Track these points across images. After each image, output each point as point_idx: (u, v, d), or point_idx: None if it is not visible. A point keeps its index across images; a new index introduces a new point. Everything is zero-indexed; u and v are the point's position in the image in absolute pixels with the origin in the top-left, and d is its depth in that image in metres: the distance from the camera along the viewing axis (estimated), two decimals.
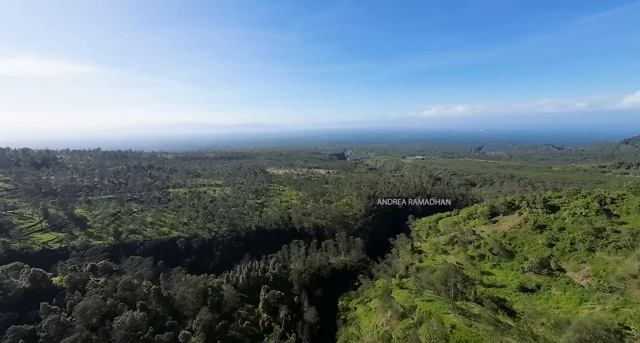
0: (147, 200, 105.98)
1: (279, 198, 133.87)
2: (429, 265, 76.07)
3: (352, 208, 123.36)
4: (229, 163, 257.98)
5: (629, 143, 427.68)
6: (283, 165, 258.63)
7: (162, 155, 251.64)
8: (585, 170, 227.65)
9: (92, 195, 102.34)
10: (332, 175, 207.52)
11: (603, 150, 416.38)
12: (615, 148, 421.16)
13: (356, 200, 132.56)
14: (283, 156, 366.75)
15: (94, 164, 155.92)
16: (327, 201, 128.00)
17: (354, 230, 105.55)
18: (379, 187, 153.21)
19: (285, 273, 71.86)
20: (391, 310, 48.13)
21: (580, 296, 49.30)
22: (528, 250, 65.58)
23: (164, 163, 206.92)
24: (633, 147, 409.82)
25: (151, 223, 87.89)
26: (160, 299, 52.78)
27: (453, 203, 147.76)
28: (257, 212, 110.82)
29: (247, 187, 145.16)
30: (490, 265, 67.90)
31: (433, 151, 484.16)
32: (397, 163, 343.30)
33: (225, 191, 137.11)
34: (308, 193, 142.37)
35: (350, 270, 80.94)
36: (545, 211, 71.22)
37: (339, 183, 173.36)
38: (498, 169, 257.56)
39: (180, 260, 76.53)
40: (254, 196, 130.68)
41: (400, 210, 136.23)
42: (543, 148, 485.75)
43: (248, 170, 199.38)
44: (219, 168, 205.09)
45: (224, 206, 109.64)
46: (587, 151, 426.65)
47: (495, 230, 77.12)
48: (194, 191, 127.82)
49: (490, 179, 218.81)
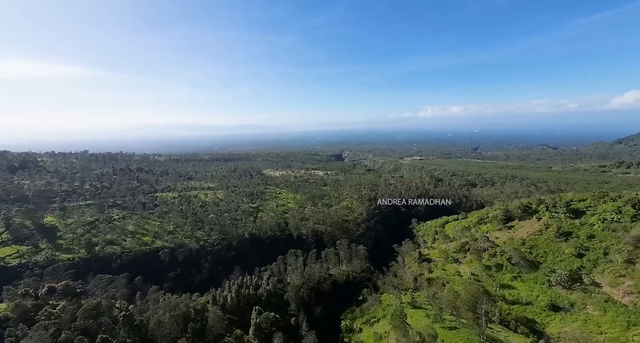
0: (130, 206, 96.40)
1: (275, 201, 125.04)
2: (439, 276, 68.18)
3: (353, 211, 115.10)
4: (224, 164, 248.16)
5: (622, 143, 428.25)
6: (280, 167, 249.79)
7: (154, 157, 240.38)
8: (586, 170, 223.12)
9: (69, 201, 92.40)
10: (330, 177, 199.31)
11: (597, 150, 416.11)
12: (609, 147, 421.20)
13: (357, 203, 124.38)
14: (280, 157, 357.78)
15: (78, 167, 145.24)
16: (326, 205, 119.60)
17: (355, 236, 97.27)
18: (380, 189, 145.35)
19: (281, 288, 63.15)
20: (407, 340, 39.85)
21: (627, 318, 41.52)
22: (553, 260, 57.97)
23: (155, 165, 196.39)
24: (627, 146, 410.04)
25: (132, 232, 78.46)
26: (131, 328, 43.68)
27: (456, 205, 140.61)
28: (252, 218, 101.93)
29: (242, 190, 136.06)
30: (510, 276, 60.10)
31: (430, 151, 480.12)
32: (396, 164, 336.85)
33: (218, 194, 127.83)
34: (306, 196, 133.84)
35: (353, 282, 72.50)
36: (568, 216, 63.89)
37: (338, 185, 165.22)
38: (497, 169, 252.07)
39: (163, 274, 67.33)
40: (248, 200, 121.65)
41: (402, 213, 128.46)
42: (538, 148, 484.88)
43: (243, 172, 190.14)
44: (213, 170, 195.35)
45: (216, 212, 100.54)
46: (582, 151, 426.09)
47: (512, 236, 69.56)
48: (184, 195, 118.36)
49: (491, 179, 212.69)
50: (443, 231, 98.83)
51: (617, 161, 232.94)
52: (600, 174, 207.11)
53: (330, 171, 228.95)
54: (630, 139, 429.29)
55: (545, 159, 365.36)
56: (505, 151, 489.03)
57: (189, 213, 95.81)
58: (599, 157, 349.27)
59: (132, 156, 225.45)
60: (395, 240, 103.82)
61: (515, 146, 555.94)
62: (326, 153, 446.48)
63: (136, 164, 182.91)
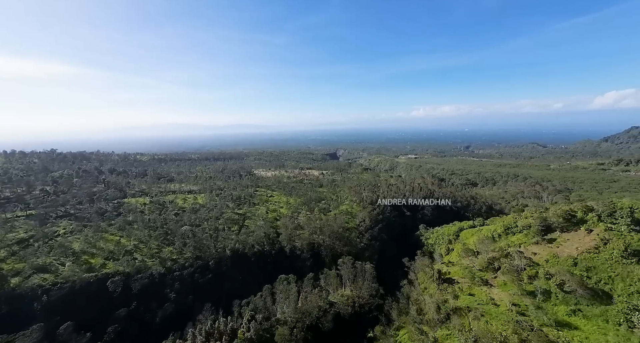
0: (86, 216, 77.13)
1: (265, 206, 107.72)
2: (469, 304, 53.01)
3: (354, 217, 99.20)
4: (213, 164, 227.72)
5: (609, 141, 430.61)
6: (273, 166, 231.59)
7: (135, 157, 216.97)
8: (585, 168, 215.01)
9: (4, 211, 72.45)
10: (326, 177, 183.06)
11: (586, 148, 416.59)
12: (596, 145, 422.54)
13: (357, 207, 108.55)
14: (274, 156, 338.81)
15: (36, 169, 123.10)
16: (324, 210, 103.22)
17: (358, 249, 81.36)
18: (381, 190, 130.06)
19: (268, 328, 46.46)
20: None
21: None
22: (624, 289, 43.42)
23: (134, 165, 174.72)
24: (613, 144, 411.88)
25: (77, 253, 59.83)
26: None
27: (464, 207, 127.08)
28: (236, 227, 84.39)
29: (228, 193, 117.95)
30: (566, 310, 45.10)
31: (424, 150, 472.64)
32: (392, 163, 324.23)
33: (200, 199, 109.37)
34: (300, 199, 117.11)
35: (360, 312, 56.48)
36: (631, 229, 49.84)
37: (335, 186, 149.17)
38: (495, 168, 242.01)
39: (110, 312, 49.35)
40: (234, 206, 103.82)
41: (407, 218, 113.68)
42: (528, 146, 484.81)
43: (232, 172, 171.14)
44: (199, 170, 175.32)
45: (193, 221, 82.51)
46: (570, 149, 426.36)
47: (556, 253, 55.08)
48: (158, 200, 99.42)
49: (492, 178, 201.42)
50: (459, 240, 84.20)
51: (615, 159, 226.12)
52: (600, 172, 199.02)
53: (326, 171, 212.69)
54: (616, 137, 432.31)
55: (537, 157, 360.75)
56: (496, 149, 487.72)
57: (159, 224, 77.42)
58: (589, 155, 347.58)
59: (110, 155, 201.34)
60: (402, 249, 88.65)
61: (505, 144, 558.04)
62: (321, 152, 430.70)
63: (111, 164, 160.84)
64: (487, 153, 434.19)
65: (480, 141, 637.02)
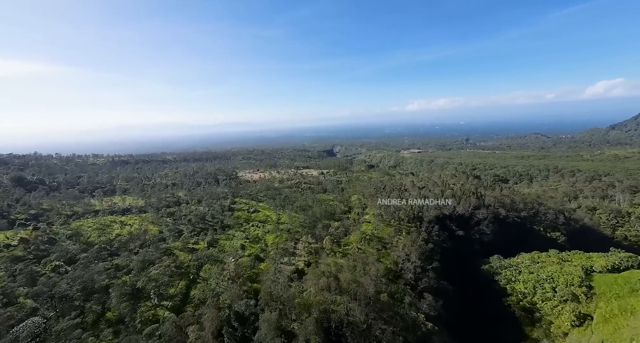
0: None
1: (242, 231, 65.87)
2: None
3: (387, 249, 58.36)
4: (189, 166, 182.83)
5: (616, 128, 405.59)
6: (263, 166, 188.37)
7: (87, 159, 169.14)
8: (627, 157, 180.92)
9: None
10: (328, 177, 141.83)
11: (594, 136, 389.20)
12: (605, 133, 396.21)
13: (388, 229, 67.63)
14: (265, 155, 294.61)
15: None
16: (337, 237, 62.04)
17: (418, 336, 40.22)
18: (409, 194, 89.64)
19: None
20: None
21: None
22: None
23: (74, 171, 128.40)
24: (622, 132, 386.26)
25: None
26: None
27: (530, 216, 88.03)
28: (179, 287, 42.37)
29: (187, 211, 75.37)
30: None
31: (425, 144, 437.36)
32: (396, 158, 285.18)
33: (136, 223, 66.39)
34: (299, 217, 75.70)
35: None
36: None
37: (343, 190, 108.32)
38: (518, 160, 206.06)
39: None
40: (191, 235, 61.43)
41: (459, 239, 73.97)
42: (532, 136, 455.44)
43: (206, 176, 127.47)
44: (163, 175, 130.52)
45: (95, 278, 40.18)
46: (578, 138, 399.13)
47: None
48: (56, 232, 55.97)
49: (527, 173, 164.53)
50: (596, 298, 44.74)
51: None
52: None
53: (326, 170, 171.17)
54: (623, 125, 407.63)
55: (548, 147, 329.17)
56: (497, 141, 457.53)
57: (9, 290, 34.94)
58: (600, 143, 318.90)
59: (48, 159, 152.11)
60: (466, 296, 49.26)
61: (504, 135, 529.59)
62: (317, 149, 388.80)
63: (33, 170, 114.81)
64: (491, 144, 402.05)
65: (478, 134, 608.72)
